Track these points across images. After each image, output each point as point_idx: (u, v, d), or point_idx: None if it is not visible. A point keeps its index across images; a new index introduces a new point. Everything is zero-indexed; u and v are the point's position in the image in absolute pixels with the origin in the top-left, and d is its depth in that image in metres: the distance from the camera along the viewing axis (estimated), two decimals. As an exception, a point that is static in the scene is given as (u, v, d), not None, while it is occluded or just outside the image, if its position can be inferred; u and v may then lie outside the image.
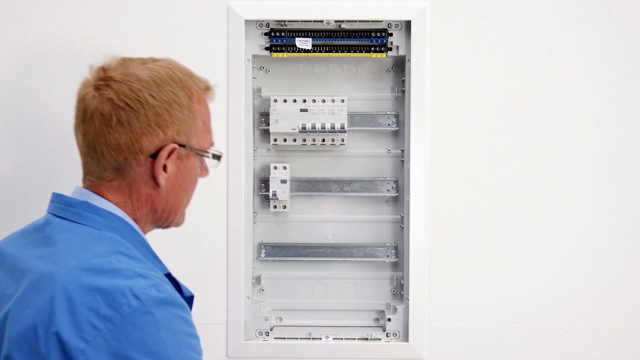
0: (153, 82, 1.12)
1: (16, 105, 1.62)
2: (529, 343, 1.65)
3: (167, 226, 1.22)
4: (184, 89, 1.15)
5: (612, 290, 1.65)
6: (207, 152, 1.21)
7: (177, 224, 1.23)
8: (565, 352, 1.65)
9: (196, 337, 1.07)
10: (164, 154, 1.12)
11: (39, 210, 1.57)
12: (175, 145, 1.13)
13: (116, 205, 1.14)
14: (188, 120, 1.15)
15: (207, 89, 1.21)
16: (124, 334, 1.01)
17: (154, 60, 1.17)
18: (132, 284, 1.03)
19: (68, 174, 1.63)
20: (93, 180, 1.14)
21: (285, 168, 1.67)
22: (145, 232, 1.19)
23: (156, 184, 1.14)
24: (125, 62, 1.14)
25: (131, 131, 1.10)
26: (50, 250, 1.08)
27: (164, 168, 1.14)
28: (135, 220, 1.16)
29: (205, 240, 1.63)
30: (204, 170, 1.25)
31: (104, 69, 1.13)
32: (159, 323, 1.03)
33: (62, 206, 1.13)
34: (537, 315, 1.65)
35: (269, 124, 1.65)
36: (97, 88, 1.11)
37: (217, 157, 1.23)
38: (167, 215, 1.19)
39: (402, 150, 1.69)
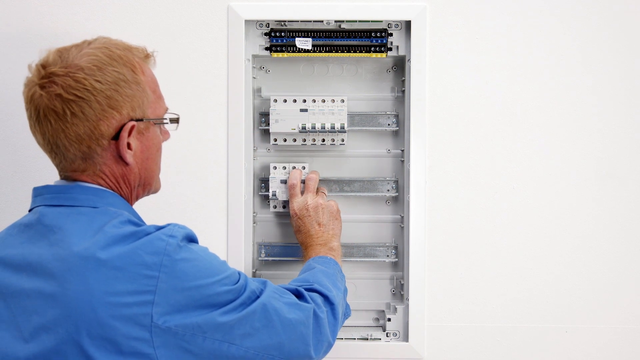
0: (95, 67, 1.14)
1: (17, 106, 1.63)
2: (529, 343, 1.65)
3: (146, 195, 1.28)
4: (125, 65, 1.17)
5: (612, 290, 1.65)
6: (165, 119, 1.24)
7: (155, 191, 1.29)
8: (565, 352, 1.65)
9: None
10: (124, 133, 1.15)
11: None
12: (134, 122, 1.16)
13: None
14: (138, 94, 1.17)
15: (147, 57, 1.23)
16: (179, 269, 1.09)
17: (89, 43, 1.18)
18: (159, 232, 1.11)
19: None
20: (68, 174, 1.17)
21: (285, 168, 1.67)
22: (133, 205, 1.25)
23: (125, 163, 1.17)
24: (62, 53, 1.16)
25: (87, 120, 1.12)
26: (59, 235, 1.10)
27: (129, 146, 1.17)
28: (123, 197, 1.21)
29: (206, 240, 1.63)
30: (165, 134, 1.28)
31: (43, 66, 1.14)
32: (196, 249, 1.15)
33: (53, 195, 1.15)
34: (537, 315, 1.65)
35: (269, 124, 1.65)
36: (42, 86, 1.13)
37: (175, 121, 1.26)
38: (143, 187, 1.24)
39: (402, 150, 1.69)
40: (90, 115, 1.12)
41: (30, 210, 1.18)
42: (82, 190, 1.15)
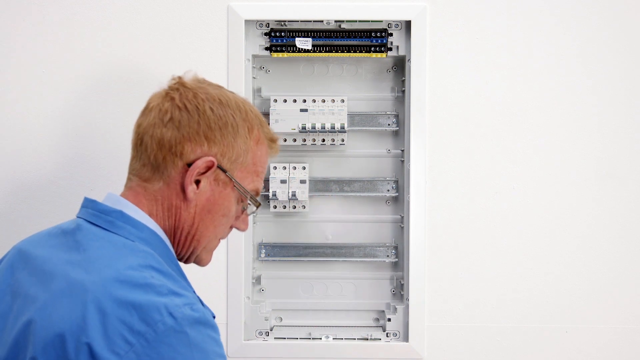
0: (219, 99, 1.14)
1: (18, 106, 1.63)
2: (529, 343, 1.65)
3: (189, 258, 1.19)
4: (245, 121, 1.16)
5: (612, 290, 1.65)
6: (247, 191, 1.17)
7: (200, 260, 1.21)
8: (565, 352, 1.65)
9: (224, 357, 1.07)
10: (200, 162, 1.11)
11: (65, 212, 1.58)
12: (214, 160, 1.12)
13: (149, 213, 1.13)
14: (237, 149, 1.14)
15: (272, 140, 1.21)
16: (157, 351, 1.00)
17: (232, 92, 1.19)
18: (167, 301, 1.02)
19: (97, 178, 1.64)
20: (132, 179, 1.14)
21: (285, 168, 1.67)
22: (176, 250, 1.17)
23: (184, 195, 1.12)
24: (203, 80, 1.18)
25: (178, 131, 1.11)
26: (81, 257, 1.06)
27: (197, 183, 1.12)
28: (165, 232, 1.14)
29: (205, 240, 1.63)
30: (242, 223, 1.22)
31: (180, 77, 1.17)
32: (192, 343, 1.02)
33: (95, 213, 1.12)
34: (537, 315, 1.65)
35: (269, 124, 1.65)
36: (167, 92, 1.15)
37: (255, 204, 1.20)
38: (190, 241, 1.17)
39: (402, 150, 1.69)
40: (183, 129, 1.11)
41: (77, 217, 1.15)
42: (123, 218, 1.11)
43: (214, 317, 1.11)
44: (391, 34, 1.64)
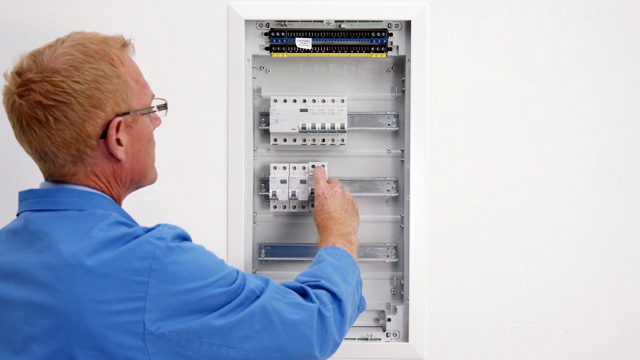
0: (71, 67, 1.10)
1: None
2: (529, 343, 1.65)
3: (142, 187, 1.25)
4: (103, 59, 1.13)
5: (612, 290, 1.65)
6: (152, 107, 1.20)
7: (152, 182, 1.26)
8: (565, 352, 1.65)
9: (211, 253, 1.18)
10: (111, 131, 1.12)
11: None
12: (120, 118, 1.13)
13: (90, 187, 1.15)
14: (120, 87, 1.13)
15: (124, 45, 1.19)
16: (169, 273, 1.06)
17: (62, 41, 1.14)
18: (147, 235, 1.08)
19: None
20: (57, 179, 1.14)
21: (285, 168, 1.67)
22: (122, 202, 1.22)
23: (116, 159, 1.15)
24: (36, 57, 1.12)
25: (72, 124, 1.09)
26: (47, 242, 1.08)
27: (119, 142, 1.14)
28: (115, 200, 1.18)
29: (205, 240, 1.62)
30: (155, 121, 1.24)
31: (18, 74, 1.11)
32: (187, 249, 1.11)
33: (37, 200, 1.12)
34: (537, 315, 1.65)
35: (269, 124, 1.65)
36: (20, 95, 1.09)
37: (163, 107, 1.23)
38: (137, 180, 1.21)
39: (402, 150, 1.69)
40: (74, 119, 1.09)
41: (17, 215, 1.16)
42: (67, 193, 1.12)
43: None
44: (391, 34, 1.64)
